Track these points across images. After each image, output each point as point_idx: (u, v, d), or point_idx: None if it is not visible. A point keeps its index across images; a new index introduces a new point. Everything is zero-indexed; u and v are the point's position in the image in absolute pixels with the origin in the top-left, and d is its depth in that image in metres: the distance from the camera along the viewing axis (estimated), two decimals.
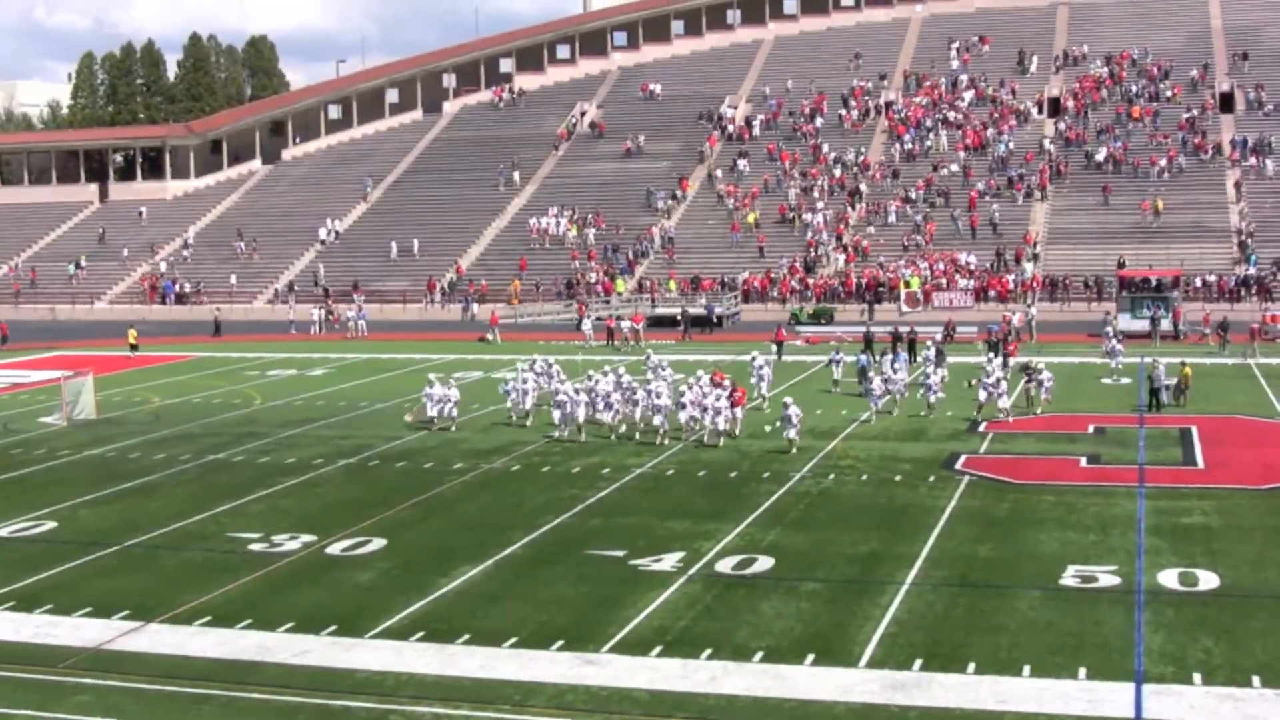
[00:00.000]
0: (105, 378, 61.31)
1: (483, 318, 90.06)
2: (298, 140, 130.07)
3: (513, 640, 25.19)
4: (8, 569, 31.15)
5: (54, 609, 27.96)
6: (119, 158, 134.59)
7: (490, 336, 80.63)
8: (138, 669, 24.32)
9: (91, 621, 27.08)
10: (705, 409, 44.65)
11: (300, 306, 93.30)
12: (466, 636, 25.47)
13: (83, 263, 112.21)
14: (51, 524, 35.77)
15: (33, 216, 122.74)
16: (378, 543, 32.56)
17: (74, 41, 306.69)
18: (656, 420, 45.25)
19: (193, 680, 23.69)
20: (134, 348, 77.34)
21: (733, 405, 45.24)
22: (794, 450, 42.22)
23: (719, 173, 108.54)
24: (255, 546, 32.59)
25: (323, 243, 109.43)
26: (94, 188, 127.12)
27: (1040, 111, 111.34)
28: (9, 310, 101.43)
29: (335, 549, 32.15)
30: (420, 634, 25.72)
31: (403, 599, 27.93)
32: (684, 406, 45.20)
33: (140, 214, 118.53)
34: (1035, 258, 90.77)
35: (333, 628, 26.18)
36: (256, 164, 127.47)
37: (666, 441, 44.55)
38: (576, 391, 46.56)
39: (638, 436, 45.72)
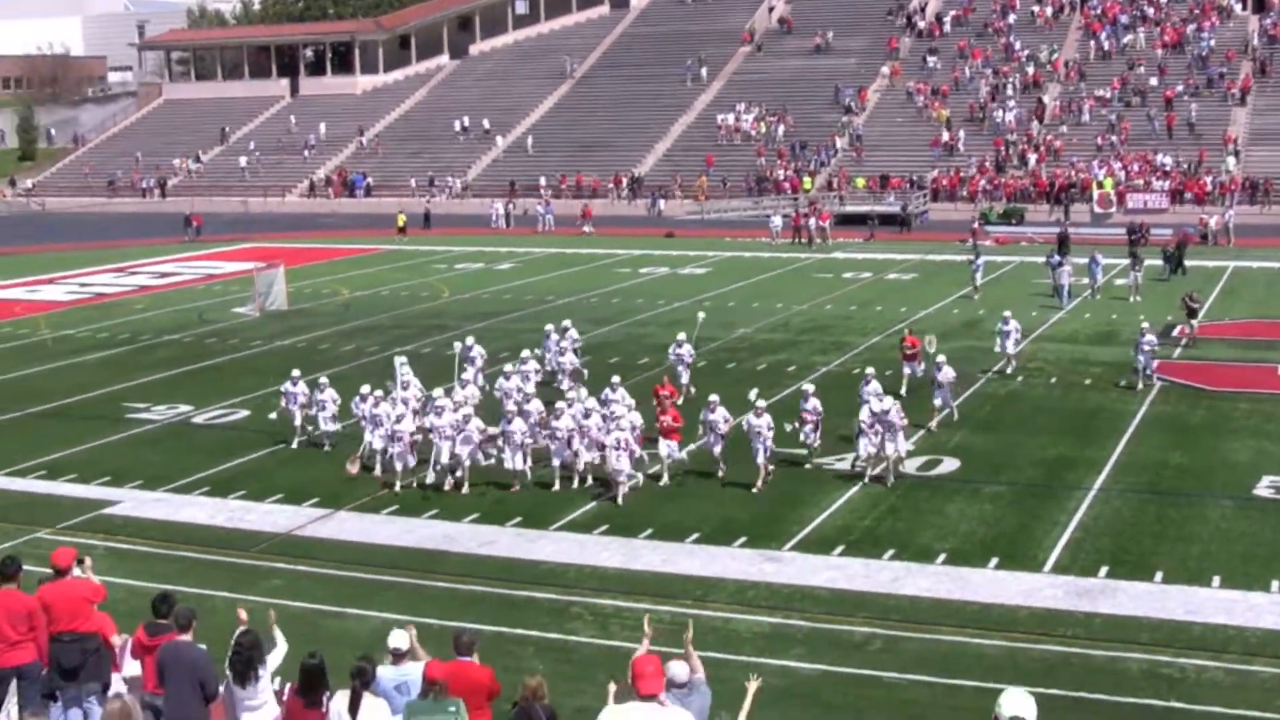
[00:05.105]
0: (295, 269, 62.34)
1: (669, 213, 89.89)
2: (484, 35, 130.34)
3: (695, 536, 25.25)
4: (204, 454, 32.00)
5: (247, 494, 28.71)
6: (309, 53, 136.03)
7: (587, 229, 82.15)
8: (326, 555, 24.85)
9: (283, 507, 27.75)
10: (604, 446, 28.29)
11: (499, 201, 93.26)
12: (649, 531, 25.58)
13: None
14: (244, 412, 36.62)
15: (225, 110, 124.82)
16: None
17: None
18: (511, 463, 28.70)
19: (379, 568, 24.14)
20: (402, 231, 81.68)
21: (663, 434, 29.14)
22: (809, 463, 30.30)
23: (885, 68, 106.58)
24: None
25: (488, 135, 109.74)
26: (285, 82, 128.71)
27: (1244, 8, 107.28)
28: (202, 203, 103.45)
29: None
30: (604, 528, 25.90)
31: (587, 491, 28.13)
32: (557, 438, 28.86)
33: (320, 127, 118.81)
34: (1236, 154, 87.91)
35: (517, 519, 26.47)
36: (444, 59, 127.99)
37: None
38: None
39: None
